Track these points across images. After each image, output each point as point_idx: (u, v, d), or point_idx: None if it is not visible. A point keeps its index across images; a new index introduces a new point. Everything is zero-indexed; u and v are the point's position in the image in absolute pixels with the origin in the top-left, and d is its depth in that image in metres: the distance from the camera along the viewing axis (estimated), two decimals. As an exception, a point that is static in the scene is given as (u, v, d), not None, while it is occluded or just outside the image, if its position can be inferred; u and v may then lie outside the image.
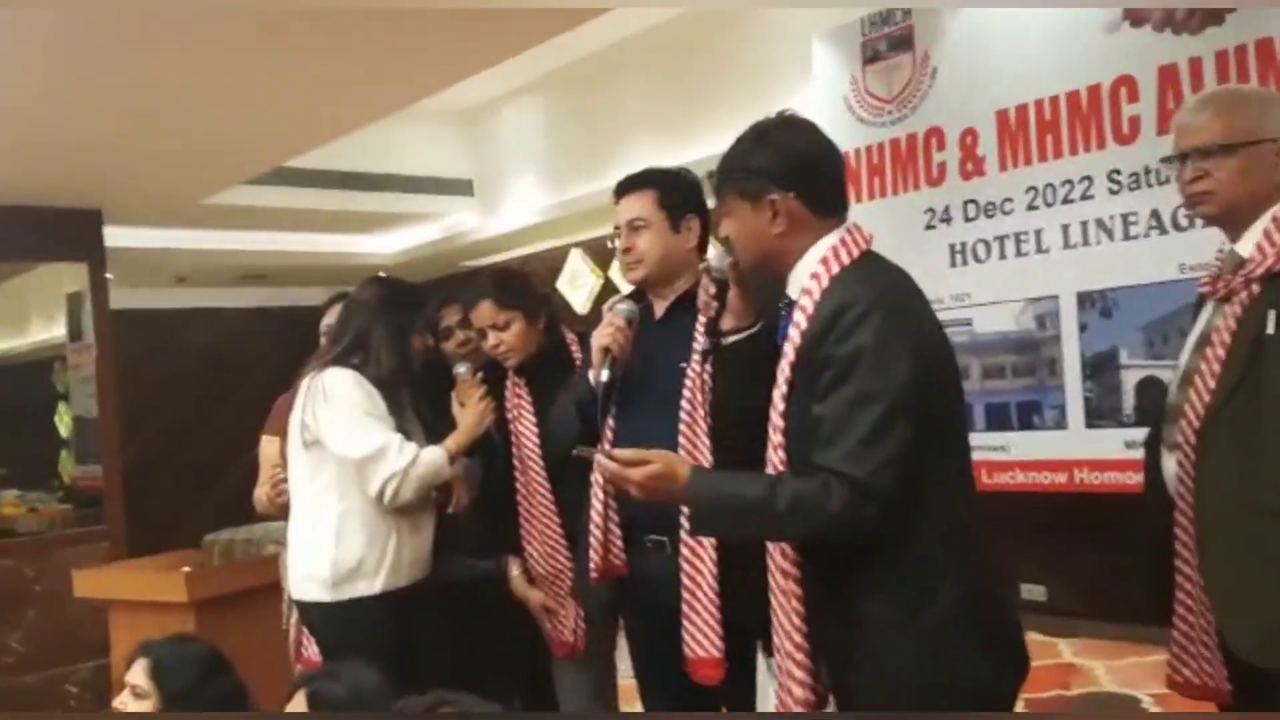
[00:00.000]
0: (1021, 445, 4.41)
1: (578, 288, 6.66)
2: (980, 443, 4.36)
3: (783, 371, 1.72)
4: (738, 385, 2.05)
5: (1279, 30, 3.66)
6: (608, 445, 2.25)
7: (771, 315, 1.93)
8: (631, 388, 2.26)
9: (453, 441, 2.54)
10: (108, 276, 6.04)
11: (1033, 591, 4.68)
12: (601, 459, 1.76)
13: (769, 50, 5.24)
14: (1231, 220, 1.89)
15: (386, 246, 7.50)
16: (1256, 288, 1.80)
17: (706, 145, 4.52)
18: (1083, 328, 4.19)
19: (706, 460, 2.15)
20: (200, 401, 8.23)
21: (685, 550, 2.17)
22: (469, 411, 2.57)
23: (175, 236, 6.62)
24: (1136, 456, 2.10)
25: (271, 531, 4.14)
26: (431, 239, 7.17)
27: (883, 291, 1.67)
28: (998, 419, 4.49)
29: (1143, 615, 2.20)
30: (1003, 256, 4.43)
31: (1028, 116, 4.32)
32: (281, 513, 2.72)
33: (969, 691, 1.64)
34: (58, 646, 5.09)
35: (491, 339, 2.64)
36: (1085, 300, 4.18)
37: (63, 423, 6.72)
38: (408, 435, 2.50)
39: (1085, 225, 4.16)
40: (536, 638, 2.69)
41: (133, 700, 2.16)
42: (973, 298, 4.51)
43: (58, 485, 6.72)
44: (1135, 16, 3.97)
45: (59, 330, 6.23)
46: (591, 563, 2.30)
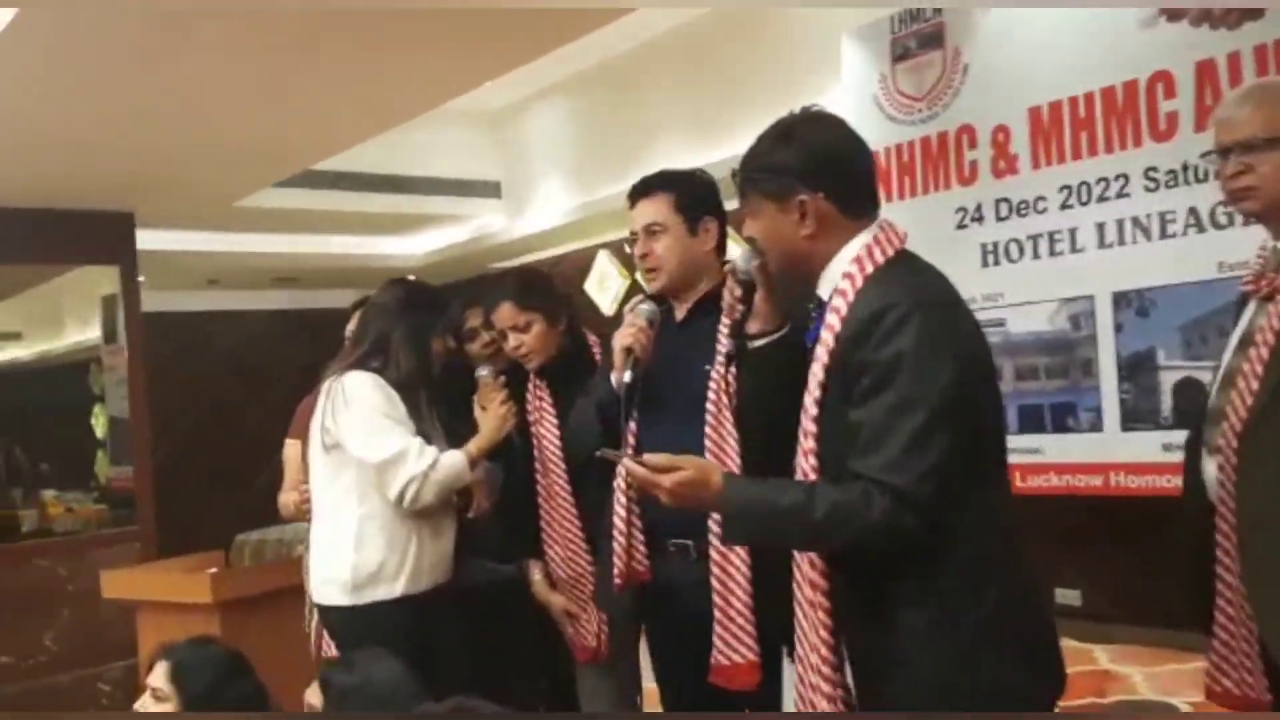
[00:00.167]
0: (1056, 448, 4.34)
1: (605, 289, 6.63)
2: (1013, 445, 4.17)
3: (815, 375, 1.67)
4: (763, 390, 2.00)
5: (1320, 24, 3.57)
6: (630, 448, 2.22)
7: (799, 318, 1.89)
8: (653, 390, 2.22)
9: (474, 445, 2.51)
10: (140, 279, 6.10)
11: (1067, 596, 4.60)
12: (630, 464, 1.69)
13: (797, 49, 5.20)
14: (1275, 216, 1.83)
15: (415, 249, 7.52)
16: None
17: (734, 145, 4.43)
18: (1119, 328, 4.11)
19: (734, 465, 2.10)
20: (231, 403, 8.29)
21: (715, 555, 2.13)
22: (490, 415, 2.55)
23: (206, 239, 6.67)
24: (1175, 460, 2.05)
25: (301, 532, 4.14)
26: (459, 241, 7.18)
27: (922, 294, 1.62)
28: (1031, 421, 4.41)
29: (1181, 620, 2.15)
30: (1036, 256, 4.35)
31: (1061, 113, 4.24)
32: (307, 518, 2.71)
33: (1005, 703, 1.59)
34: (90, 646, 5.14)
35: (512, 340, 2.61)
36: (1121, 300, 4.10)
37: (98, 424, 6.78)
38: (428, 438, 2.48)
39: (1121, 224, 4.08)
40: (559, 642, 2.66)
41: (153, 703, 2.15)
42: (1005, 298, 4.43)
43: (94, 485, 6.77)
44: (1172, 11, 3.89)
45: (94, 332, 6.28)
46: (615, 569, 2.26)
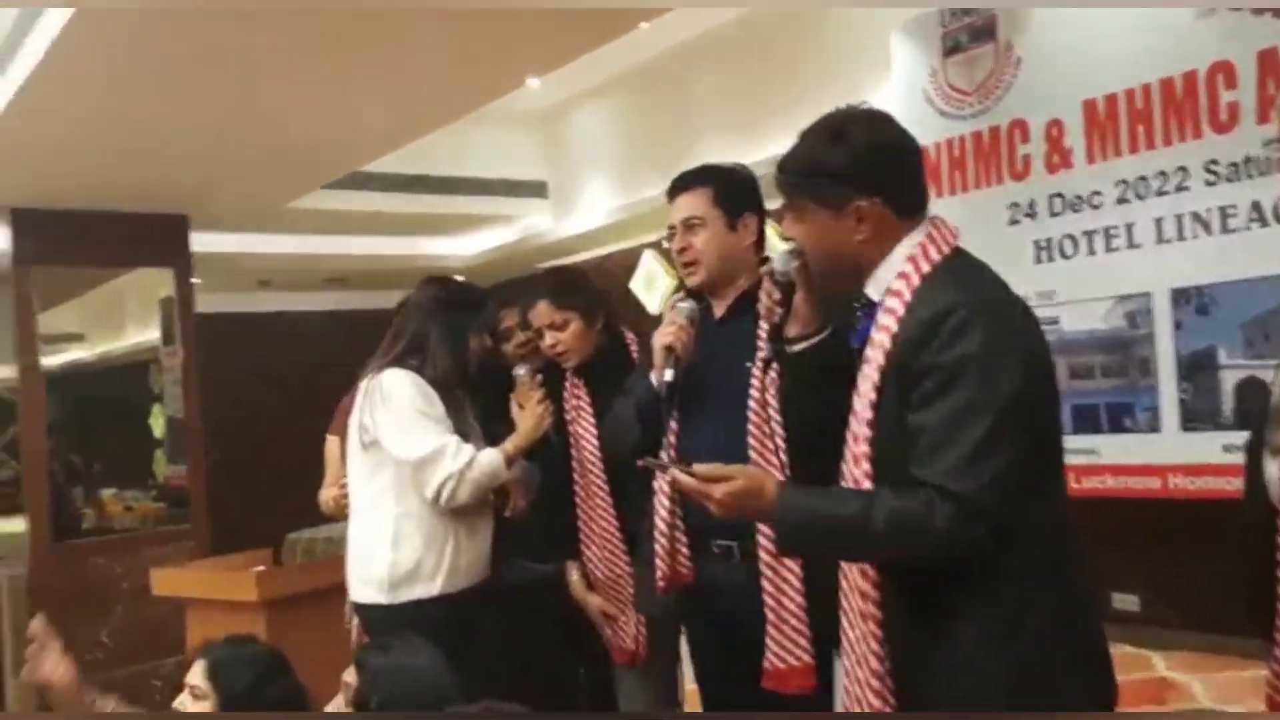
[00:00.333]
0: (1112, 449, 4.22)
1: (652, 289, 6.60)
2: (1068, 446, 4.08)
3: (868, 378, 1.60)
4: (802, 394, 1.95)
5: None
6: (670, 449, 2.18)
7: (840, 320, 1.84)
8: (693, 390, 2.18)
9: (510, 444, 2.50)
10: (194, 281, 6.19)
11: (1125, 601, 4.48)
12: (678, 475, 1.63)
13: (845, 44, 5.13)
14: None
15: (463, 249, 7.55)
16: None
17: (781, 143, 4.38)
18: (1177, 326, 3.99)
19: (778, 468, 2.06)
20: (284, 403, 8.38)
21: (766, 556, 2.09)
22: (527, 414, 2.53)
23: (258, 241, 6.75)
24: (1235, 461, 1.96)
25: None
26: (506, 241, 7.19)
27: (985, 295, 1.56)
28: (1086, 421, 4.30)
29: (1241, 627, 2.06)
30: (1091, 252, 4.24)
31: (1117, 106, 4.13)
32: (345, 514, 2.71)
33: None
34: (144, 642, 5.21)
35: (549, 339, 2.59)
36: (1180, 297, 3.98)
37: (157, 424, 6.90)
38: (465, 437, 2.47)
39: (1180, 219, 3.96)
40: (598, 643, 2.63)
41: (191, 701, 2.16)
42: (1059, 295, 4.33)
43: (152, 484, 6.90)
44: (1232, -1, 3.77)
45: (154, 334, 6.39)
46: (658, 572, 2.22)
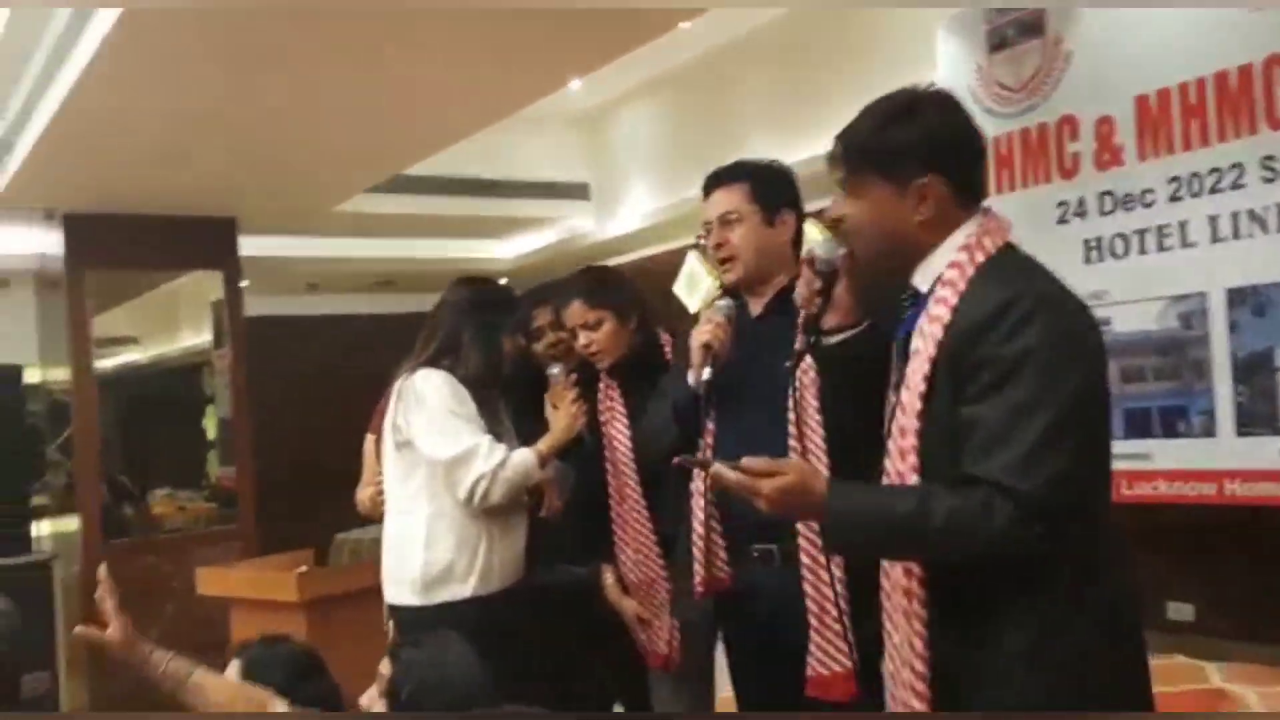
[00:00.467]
0: (1165, 454, 4.11)
1: (695, 291, 6.57)
2: (1119, 450, 3.99)
3: (917, 371, 1.55)
4: (836, 390, 1.91)
5: None
6: (708, 449, 2.15)
7: (879, 314, 1.79)
8: (731, 389, 2.14)
9: (544, 444, 2.48)
10: (243, 284, 6.27)
11: (1180, 611, 4.36)
12: (722, 470, 1.55)
13: (889, 41, 5.06)
14: None
15: (507, 251, 7.58)
16: None
17: (825, 143, 4.37)
18: (1233, 327, 3.88)
19: (822, 468, 2.00)
20: (333, 405, 8.43)
21: (807, 560, 2.05)
22: (561, 414, 2.52)
23: (306, 245, 6.83)
24: (1293, 466, 1.89)
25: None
26: (549, 243, 7.20)
27: (1047, 288, 1.52)
28: (1138, 425, 4.19)
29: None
30: (1143, 251, 4.14)
31: (1170, 101, 4.02)
32: (381, 514, 2.72)
33: None
34: (192, 641, 5.25)
35: (582, 339, 2.58)
36: (1236, 297, 3.87)
37: (210, 425, 7.01)
38: (498, 437, 2.46)
39: (1236, 216, 3.85)
40: (633, 648, 2.60)
41: (226, 701, 2.17)
42: (1110, 296, 4.22)
43: (204, 485, 7.00)
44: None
45: (207, 336, 6.49)
46: (696, 577, 2.19)
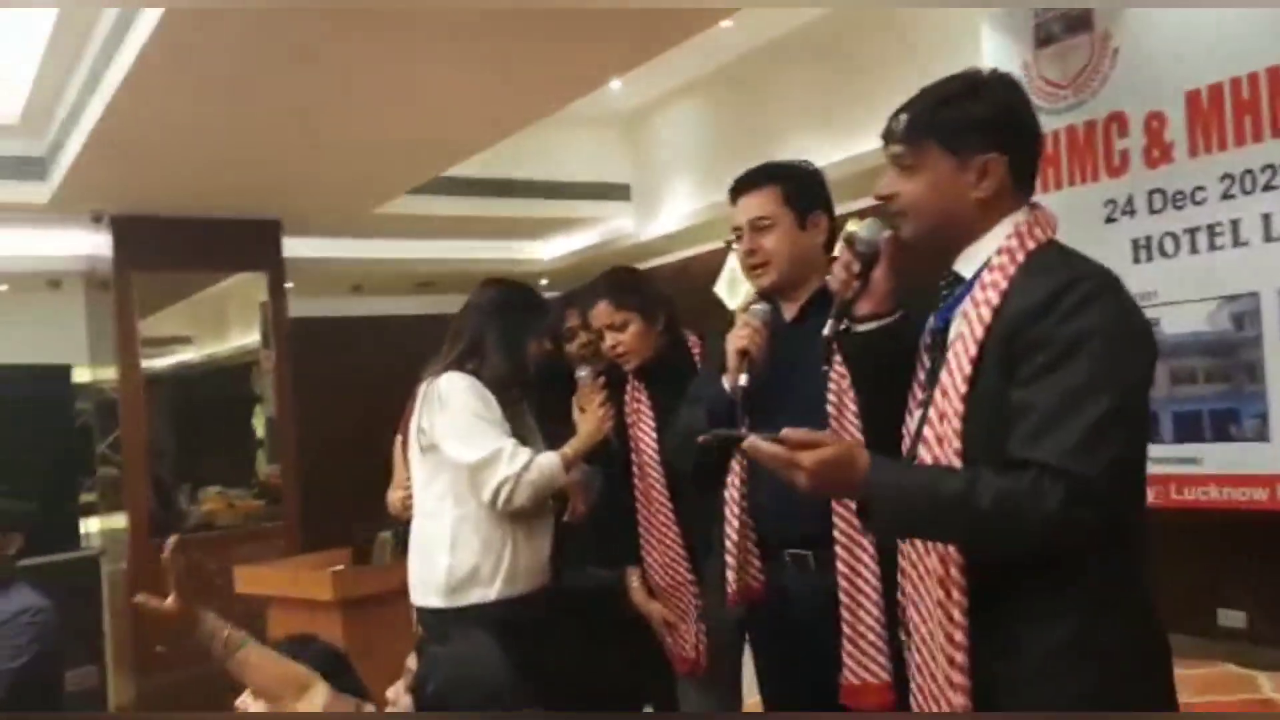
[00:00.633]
0: (1216, 458, 3.99)
1: (737, 291, 6.52)
2: (1169, 454, 3.98)
3: (960, 354, 1.50)
4: (862, 380, 1.85)
5: None
6: (741, 459, 2.11)
7: (912, 306, 1.72)
8: (766, 394, 2.09)
9: (570, 447, 2.47)
10: (288, 285, 6.34)
11: (1231, 618, 4.24)
12: (757, 442, 1.46)
13: (933, 38, 4.99)
14: None
15: (548, 252, 7.58)
16: None
17: (867, 142, 4.33)
18: (1287, 328, 3.76)
19: None
20: (377, 405, 8.49)
21: (843, 567, 2.01)
22: (588, 416, 2.50)
23: (349, 246, 6.88)
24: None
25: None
26: (590, 244, 7.19)
27: (1106, 273, 1.48)
28: (1189, 429, 4.07)
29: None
30: (1194, 251, 4.02)
31: (1222, 96, 3.91)
32: (409, 516, 2.72)
33: None
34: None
35: (609, 340, 2.56)
36: (1291, 298, 3.75)
37: (259, 424, 7.09)
38: (523, 440, 2.45)
39: (1291, 214, 3.74)
40: (661, 652, 2.58)
41: (251, 701, 2.18)
42: (1159, 296, 4.11)
43: (254, 482, 7.09)
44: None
45: (255, 336, 6.57)
46: (729, 584, 2.15)
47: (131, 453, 5.69)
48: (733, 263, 6.62)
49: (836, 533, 1.99)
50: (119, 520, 5.92)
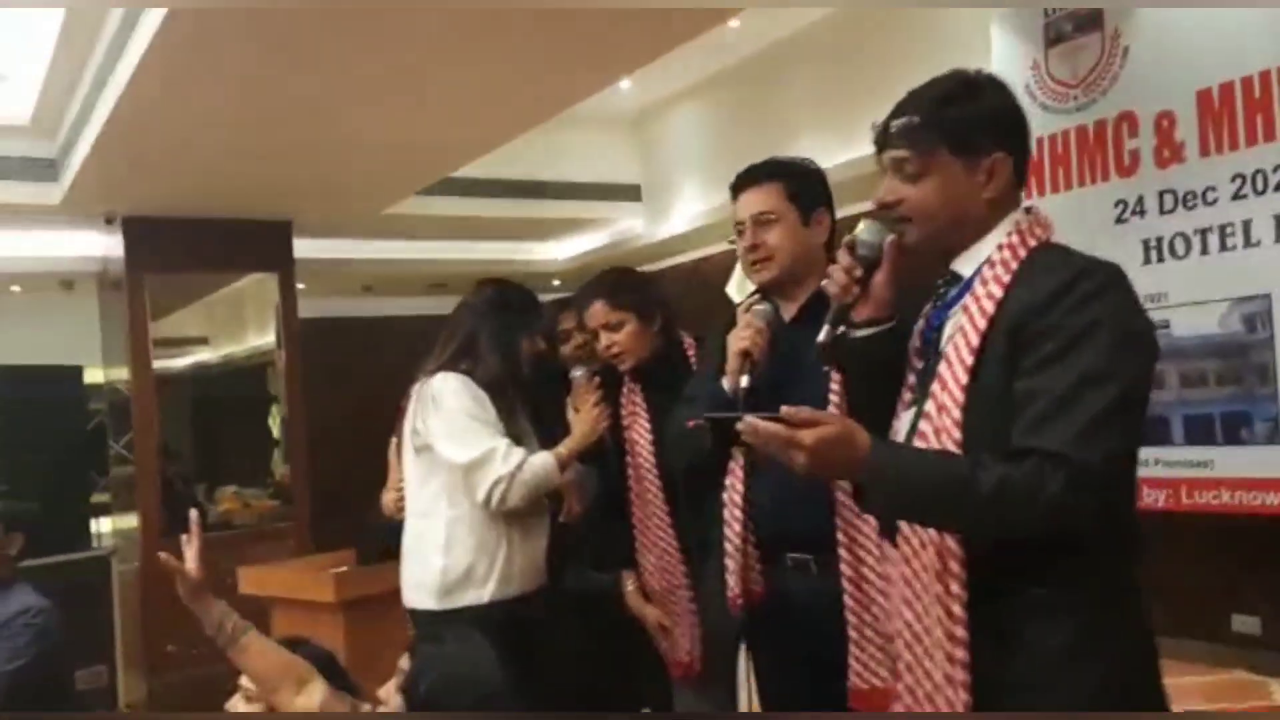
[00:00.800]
0: (1227, 462, 3.95)
1: (746, 292, 6.49)
2: (1180, 458, 3.96)
3: (964, 346, 1.49)
4: (858, 387, 1.83)
5: None
6: (741, 460, 2.09)
7: (903, 310, 1.71)
8: (765, 395, 2.06)
9: (565, 447, 2.46)
10: (300, 286, 6.35)
11: (1246, 623, 4.19)
12: (755, 421, 1.42)
13: (942, 37, 4.95)
14: None
15: (558, 253, 7.57)
16: None
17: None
18: (1300, 330, 3.72)
19: None
20: (388, 405, 8.50)
21: (847, 570, 1.98)
22: (583, 417, 2.49)
23: (359, 247, 6.89)
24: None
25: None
26: (601, 245, 7.17)
27: (1112, 268, 1.48)
28: (1200, 432, 4.03)
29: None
30: (1205, 252, 3.98)
31: (1234, 95, 3.87)
32: (403, 516, 2.71)
33: None
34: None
35: (604, 340, 2.54)
36: (1303, 299, 3.71)
37: (275, 424, 7.11)
38: (517, 440, 2.44)
39: (1303, 215, 3.69)
40: (657, 656, 2.56)
41: (243, 702, 2.18)
42: (1170, 298, 4.07)
43: (269, 482, 7.11)
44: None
45: (271, 337, 6.57)
46: (730, 589, 2.12)
47: (143, 453, 5.70)
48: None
49: (839, 535, 1.97)
50: (132, 520, 5.95)
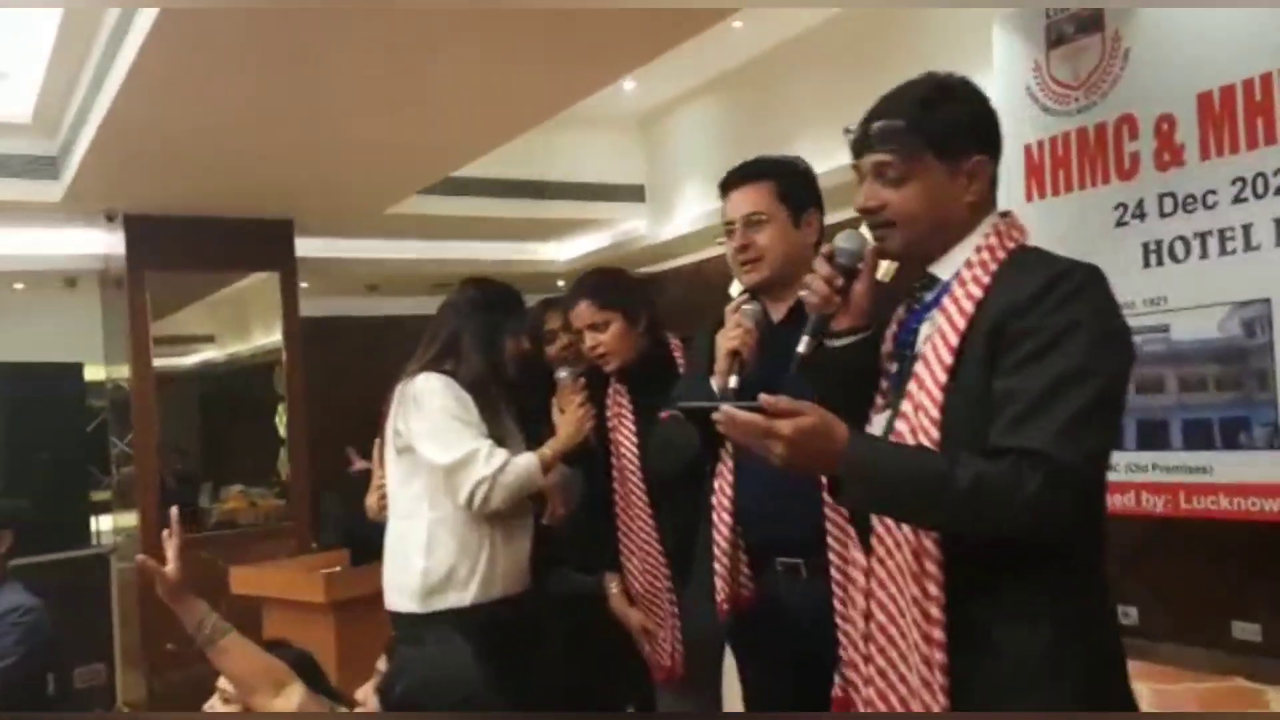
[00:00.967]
0: (1226, 467, 3.91)
1: (750, 294, 6.48)
2: (1178, 463, 3.92)
3: (942, 346, 1.48)
4: (834, 397, 1.82)
5: None
6: (729, 464, 2.08)
7: (884, 319, 1.70)
8: (752, 397, 2.06)
9: (549, 448, 2.44)
10: (303, 285, 6.35)
11: (1245, 630, 4.15)
12: (733, 411, 1.40)
13: (945, 38, 4.93)
14: None
15: (562, 254, 7.56)
16: None
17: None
18: (1299, 335, 3.68)
19: None
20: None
21: (838, 575, 1.95)
22: (568, 418, 2.47)
23: (362, 246, 6.88)
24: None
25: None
26: (604, 246, 7.16)
27: (1092, 269, 1.47)
28: (1198, 437, 3.99)
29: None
30: (1204, 255, 3.94)
31: (1234, 98, 3.83)
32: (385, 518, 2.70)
33: None
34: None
35: (589, 340, 2.53)
36: (1303, 304, 3.67)
37: (280, 423, 7.11)
38: (501, 441, 2.42)
39: (1304, 219, 3.66)
40: (641, 660, 2.55)
41: (220, 704, 2.18)
42: (1169, 302, 4.04)
43: (275, 481, 7.11)
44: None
45: (277, 336, 6.57)
46: (719, 594, 2.10)
47: (143, 451, 5.71)
48: (745, 265, 6.57)
49: (830, 539, 1.95)
50: (134, 518, 5.95)
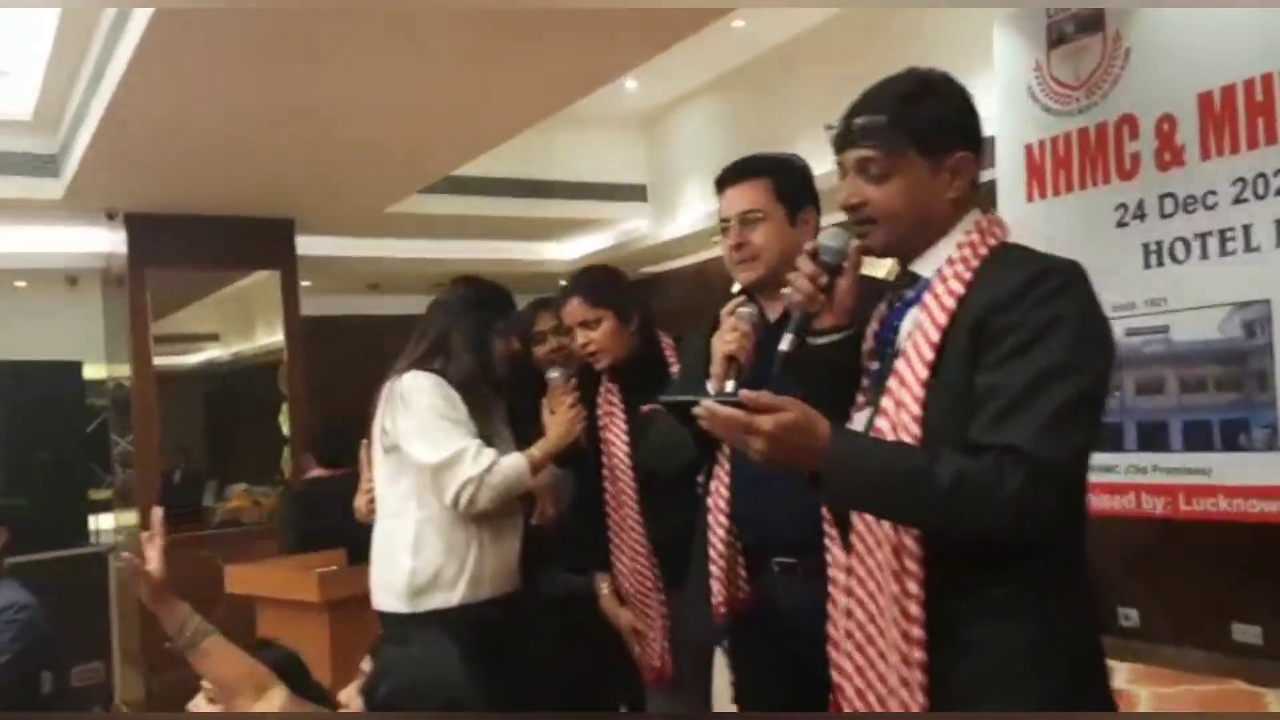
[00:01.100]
0: (1226, 468, 3.88)
1: (751, 294, 6.46)
2: (1177, 465, 3.91)
3: (923, 342, 1.47)
4: (817, 397, 1.81)
5: None
6: (726, 465, 2.06)
7: (866, 317, 1.69)
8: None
9: (538, 449, 2.43)
10: (305, 284, 6.35)
11: (1245, 633, 4.13)
12: (714, 406, 1.38)
13: (946, 38, 4.92)
14: None
15: (565, 253, 7.55)
16: None
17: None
18: (1300, 336, 3.66)
19: None
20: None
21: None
22: (558, 418, 2.46)
23: (363, 245, 6.88)
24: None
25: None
26: (606, 245, 7.15)
27: (1077, 265, 1.46)
28: (1198, 438, 3.97)
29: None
30: (1205, 256, 3.92)
31: (1235, 98, 3.81)
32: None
33: None
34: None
35: (580, 338, 2.51)
36: (1304, 306, 3.65)
37: (284, 421, 7.12)
38: (490, 440, 2.41)
39: (1304, 220, 3.63)
40: (632, 660, 2.54)
41: (205, 703, 2.17)
42: (1170, 303, 4.02)
43: (279, 480, 7.12)
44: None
45: (280, 335, 6.58)
46: (715, 596, 2.08)
47: (143, 449, 5.71)
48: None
49: (826, 540, 1.93)
50: (135, 516, 5.96)
